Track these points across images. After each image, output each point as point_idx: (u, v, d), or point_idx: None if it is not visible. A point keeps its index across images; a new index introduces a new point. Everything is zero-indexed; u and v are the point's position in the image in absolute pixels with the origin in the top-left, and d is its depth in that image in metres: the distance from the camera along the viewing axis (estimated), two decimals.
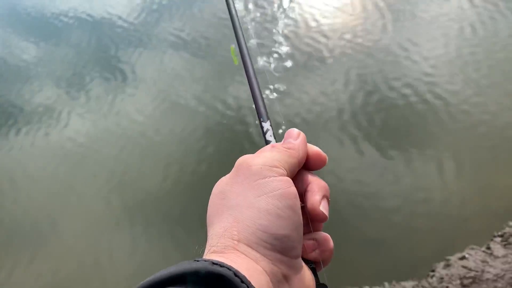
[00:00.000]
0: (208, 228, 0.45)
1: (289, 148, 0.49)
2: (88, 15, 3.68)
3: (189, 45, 3.16)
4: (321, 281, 0.48)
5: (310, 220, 0.48)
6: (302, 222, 0.45)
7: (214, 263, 0.37)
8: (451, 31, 2.74)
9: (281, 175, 0.45)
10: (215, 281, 0.36)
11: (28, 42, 3.59)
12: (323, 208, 0.47)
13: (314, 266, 0.49)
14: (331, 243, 0.49)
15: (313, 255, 0.48)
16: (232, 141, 2.48)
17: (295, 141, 0.50)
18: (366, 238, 2.01)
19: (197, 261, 0.38)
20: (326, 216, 0.47)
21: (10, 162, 2.75)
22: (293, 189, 0.45)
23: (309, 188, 0.48)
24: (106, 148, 2.65)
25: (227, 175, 0.48)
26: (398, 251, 1.96)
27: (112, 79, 3.07)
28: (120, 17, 3.56)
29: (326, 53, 2.79)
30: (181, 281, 0.36)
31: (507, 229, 1.91)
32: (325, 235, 0.49)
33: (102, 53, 3.30)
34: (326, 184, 0.50)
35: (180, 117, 2.70)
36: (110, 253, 2.22)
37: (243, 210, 0.43)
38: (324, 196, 0.48)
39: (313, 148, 0.51)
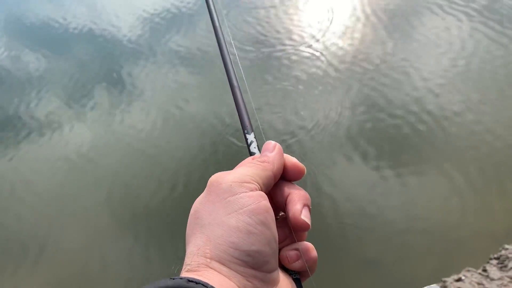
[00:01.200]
0: (186, 248, 0.46)
1: (263, 162, 0.49)
2: (94, 29, 3.75)
3: (192, 59, 3.20)
4: None
5: (293, 230, 0.48)
6: (275, 236, 0.45)
7: (189, 280, 0.38)
8: (454, 54, 2.76)
9: (252, 190, 0.45)
10: None
11: (34, 53, 3.66)
12: (305, 216, 0.47)
13: (298, 276, 0.49)
14: (314, 252, 0.49)
15: (296, 265, 0.48)
16: (235, 155, 2.49)
17: (271, 153, 0.50)
18: (363, 258, 2.00)
19: (173, 279, 0.38)
20: (308, 225, 0.47)
21: (11, 171, 2.77)
22: (264, 203, 0.44)
23: (289, 198, 0.49)
24: (108, 159, 2.67)
25: (201, 194, 0.48)
26: (394, 271, 1.94)
27: (115, 92, 3.10)
28: (125, 31, 3.62)
29: (332, 74, 2.82)
30: None
31: (503, 252, 1.89)
32: (307, 244, 0.49)
33: (107, 66, 3.35)
34: (306, 193, 0.50)
35: (183, 130, 2.72)
36: (110, 263, 2.21)
37: (215, 229, 0.43)
38: (305, 205, 0.48)
39: (291, 159, 0.51)
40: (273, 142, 0.51)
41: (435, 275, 1.89)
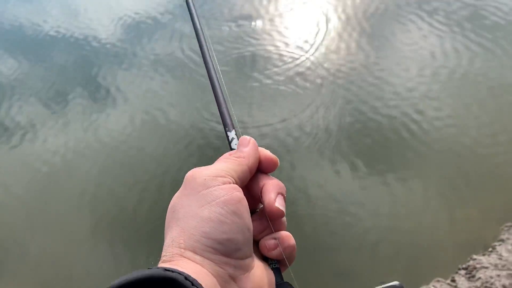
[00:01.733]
0: (165, 238, 0.48)
1: (238, 157, 0.52)
2: (71, 33, 3.68)
3: (171, 65, 3.18)
4: (285, 280, 0.50)
5: (269, 218, 0.51)
6: (249, 225, 0.48)
7: (166, 269, 0.40)
8: (431, 61, 2.83)
9: (225, 184, 0.48)
10: (168, 285, 0.38)
11: (8, 57, 3.56)
12: (279, 204, 0.50)
13: (277, 266, 0.51)
14: (292, 240, 0.52)
15: (275, 253, 0.50)
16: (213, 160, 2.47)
17: (245, 148, 0.53)
18: (332, 269, 2.00)
19: (150, 268, 0.40)
20: (283, 211, 0.50)
21: None
22: (236, 194, 0.47)
23: (264, 188, 0.52)
24: (83, 166, 2.62)
25: (179, 190, 0.50)
26: (364, 282, 1.95)
27: (91, 97, 3.05)
28: (102, 36, 3.57)
29: (312, 81, 2.84)
30: (136, 286, 0.38)
31: (471, 262, 1.93)
32: (285, 233, 0.52)
33: (83, 71, 3.30)
34: (280, 183, 0.53)
35: (159, 137, 2.70)
36: (84, 271, 2.15)
37: (189, 220, 0.46)
38: (279, 194, 0.51)
39: (265, 152, 0.55)
40: (247, 137, 0.54)
41: (405, 286, 1.91)
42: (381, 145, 2.43)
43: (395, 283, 0.51)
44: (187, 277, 0.39)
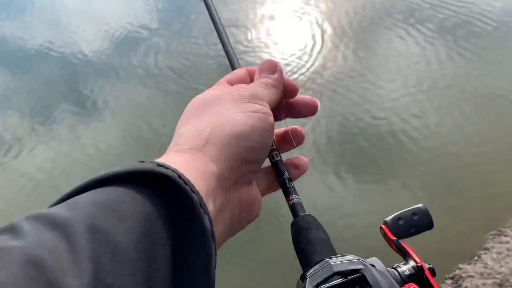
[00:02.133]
0: (180, 127, 0.47)
1: (273, 86, 0.51)
2: (56, 45, 3.64)
3: (159, 77, 3.16)
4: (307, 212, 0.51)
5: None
6: (269, 148, 0.50)
7: (159, 165, 0.37)
8: (419, 68, 2.86)
9: (265, 106, 0.49)
10: (159, 181, 0.36)
11: None
12: None
13: (300, 200, 0.51)
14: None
15: (299, 171, 0.55)
16: None
17: (274, 75, 0.52)
18: None
19: (143, 162, 0.38)
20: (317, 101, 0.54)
21: None
22: (272, 119, 0.48)
23: (291, 101, 0.55)
24: (71, 180, 2.53)
25: (218, 89, 0.50)
26: None
27: (78, 110, 3.00)
28: (89, 49, 3.54)
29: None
30: (125, 180, 0.36)
31: (457, 271, 1.93)
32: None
33: (69, 84, 3.25)
34: None
35: (147, 150, 2.64)
36: None
37: (222, 116, 0.45)
38: None
39: (287, 79, 0.54)
40: (273, 61, 0.52)
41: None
42: (367, 154, 2.43)
43: (419, 205, 0.53)
44: (180, 176, 0.37)
